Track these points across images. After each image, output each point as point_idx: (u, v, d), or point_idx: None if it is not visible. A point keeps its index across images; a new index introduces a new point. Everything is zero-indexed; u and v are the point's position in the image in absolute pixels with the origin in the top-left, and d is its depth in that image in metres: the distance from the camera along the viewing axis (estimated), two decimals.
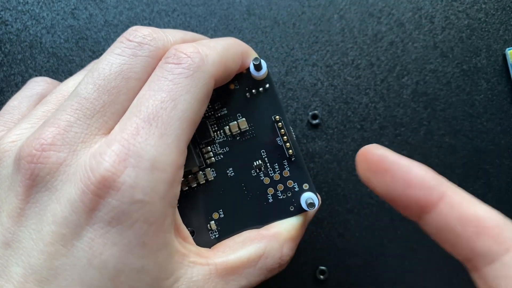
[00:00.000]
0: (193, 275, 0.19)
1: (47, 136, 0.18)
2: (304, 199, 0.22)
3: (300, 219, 0.23)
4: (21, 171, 0.18)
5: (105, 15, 0.31)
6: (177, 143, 0.18)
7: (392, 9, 0.31)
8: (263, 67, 0.22)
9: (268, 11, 0.31)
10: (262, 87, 0.22)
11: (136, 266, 0.17)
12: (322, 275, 0.30)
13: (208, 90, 0.20)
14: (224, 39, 0.22)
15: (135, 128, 0.18)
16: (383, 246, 0.30)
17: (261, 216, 0.22)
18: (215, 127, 0.22)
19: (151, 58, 0.20)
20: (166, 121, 0.18)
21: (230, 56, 0.21)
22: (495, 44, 0.30)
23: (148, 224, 0.18)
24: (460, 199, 0.16)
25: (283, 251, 0.21)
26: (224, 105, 0.22)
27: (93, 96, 0.19)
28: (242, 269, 0.20)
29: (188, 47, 0.19)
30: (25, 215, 0.18)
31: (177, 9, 0.31)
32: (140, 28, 0.20)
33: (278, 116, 0.22)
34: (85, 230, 0.17)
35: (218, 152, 0.22)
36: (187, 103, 0.19)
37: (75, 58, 0.31)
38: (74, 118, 0.18)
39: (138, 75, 0.19)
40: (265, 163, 0.22)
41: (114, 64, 0.19)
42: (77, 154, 0.18)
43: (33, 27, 0.31)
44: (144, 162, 0.17)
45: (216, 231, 0.22)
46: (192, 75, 0.19)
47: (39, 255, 0.17)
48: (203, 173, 0.22)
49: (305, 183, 0.23)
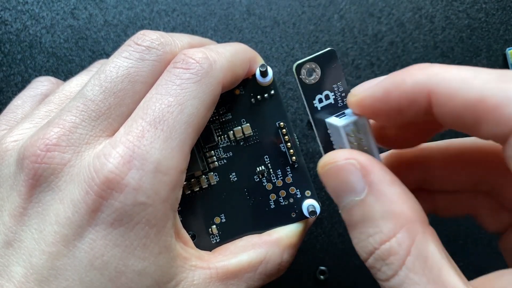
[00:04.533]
0: (194, 278, 0.19)
1: (52, 136, 0.18)
2: (306, 206, 0.22)
3: (301, 226, 0.23)
4: (24, 171, 0.18)
5: (104, 15, 0.31)
6: (181, 147, 0.18)
7: (392, 9, 0.31)
8: (269, 73, 0.22)
9: (268, 11, 0.31)
10: (267, 93, 0.22)
11: (138, 268, 0.18)
12: (322, 275, 0.30)
13: (215, 95, 0.20)
14: (232, 44, 0.22)
15: (141, 130, 0.18)
16: None
17: (263, 222, 0.22)
18: (219, 131, 0.22)
19: (158, 62, 0.20)
20: (171, 125, 0.18)
21: (238, 62, 0.21)
22: (495, 44, 0.30)
23: (150, 226, 0.18)
24: (448, 92, 0.15)
25: (283, 257, 0.21)
26: (229, 110, 0.22)
27: (99, 98, 0.19)
28: (242, 274, 0.20)
29: (197, 52, 0.19)
30: (28, 214, 0.18)
31: (177, 9, 0.31)
32: (148, 32, 0.20)
33: (283, 122, 0.22)
34: (87, 231, 0.17)
35: (222, 157, 0.22)
36: (194, 108, 0.19)
37: (74, 58, 0.31)
38: (79, 119, 0.18)
39: (145, 79, 0.19)
40: (268, 169, 0.23)
41: (121, 67, 0.19)
42: (81, 155, 0.18)
43: (32, 27, 0.31)
44: (148, 164, 0.17)
45: (217, 236, 0.22)
46: (200, 80, 0.19)
47: (41, 255, 0.17)
48: (206, 177, 0.22)
49: (307, 190, 0.23)
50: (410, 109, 0.16)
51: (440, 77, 0.15)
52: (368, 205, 0.16)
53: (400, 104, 0.16)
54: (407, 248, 0.15)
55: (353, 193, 0.16)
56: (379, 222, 0.16)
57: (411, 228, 0.16)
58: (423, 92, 0.16)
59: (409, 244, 0.15)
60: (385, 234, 0.16)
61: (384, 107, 0.17)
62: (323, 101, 0.19)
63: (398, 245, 0.15)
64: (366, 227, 0.16)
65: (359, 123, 0.18)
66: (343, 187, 0.16)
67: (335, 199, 0.17)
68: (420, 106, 0.16)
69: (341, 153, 0.17)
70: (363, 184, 0.16)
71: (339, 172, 0.17)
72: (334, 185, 0.17)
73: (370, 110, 0.17)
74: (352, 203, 0.16)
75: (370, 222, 0.16)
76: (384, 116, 0.17)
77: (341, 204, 0.17)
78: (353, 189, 0.16)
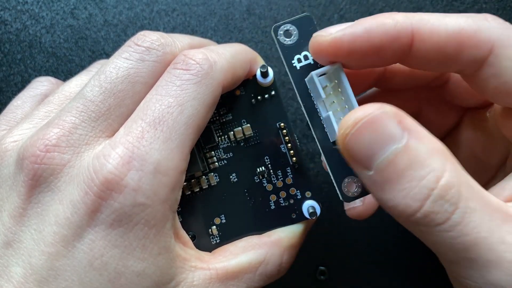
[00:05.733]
0: (194, 279, 0.19)
1: (51, 137, 0.18)
2: (306, 207, 0.22)
3: (301, 227, 0.23)
4: (24, 171, 0.18)
5: (104, 14, 0.31)
6: (181, 148, 0.18)
7: (392, 9, 0.31)
8: (270, 74, 0.22)
9: (268, 11, 0.31)
10: (267, 94, 0.22)
11: (137, 269, 0.18)
12: (322, 276, 0.30)
13: (216, 97, 0.20)
14: (233, 45, 0.22)
15: (140, 131, 0.18)
16: (384, 246, 0.30)
17: (263, 223, 0.22)
18: (219, 132, 0.22)
19: (158, 63, 0.20)
20: (171, 126, 0.18)
21: (238, 63, 0.21)
22: None
23: (149, 227, 0.18)
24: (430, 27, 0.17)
25: (283, 258, 0.22)
26: (229, 110, 0.22)
27: (99, 98, 0.19)
28: (242, 275, 0.20)
29: (198, 53, 0.19)
30: (27, 215, 0.18)
31: (177, 9, 0.31)
32: (148, 33, 0.20)
33: (283, 123, 0.22)
34: (87, 231, 0.17)
35: (222, 157, 0.22)
36: (194, 109, 0.19)
37: (74, 58, 0.31)
38: (79, 120, 0.19)
39: (145, 80, 0.19)
40: (268, 170, 0.23)
41: (121, 68, 0.19)
42: (81, 156, 0.18)
43: (32, 26, 0.31)
44: (148, 165, 0.17)
45: (217, 236, 0.22)
46: (200, 81, 0.19)
47: (40, 255, 0.17)
48: (206, 177, 0.22)
49: (307, 191, 0.23)
50: (391, 47, 0.17)
51: (419, 17, 0.17)
52: (413, 148, 0.15)
53: (382, 42, 0.17)
54: (459, 178, 0.15)
55: (395, 142, 0.16)
56: (429, 161, 0.15)
57: (453, 159, 0.16)
58: (407, 30, 0.17)
59: (458, 173, 0.16)
60: (438, 170, 0.15)
61: (363, 46, 0.17)
62: (302, 61, 0.19)
63: (452, 177, 0.15)
64: (417, 171, 0.15)
65: (333, 71, 0.19)
66: (383, 139, 0.16)
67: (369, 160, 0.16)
68: (402, 44, 0.17)
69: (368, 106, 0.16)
70: (401, 130, 0.16)
71: (375, 124, 0.16)
72: (370, 140, 0.16)
73: (347, 50, 0.18)
74: (395, 152, 0.16)
75: (420, 164, 0.15)
76: (359, 57, 0.18)
77: (378, 159, 0.16)
78: (393, 138, 0.16)
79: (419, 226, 0.16)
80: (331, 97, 0.19)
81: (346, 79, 0.19)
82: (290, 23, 0.19)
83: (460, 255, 0.15)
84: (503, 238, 0.15)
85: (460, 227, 0.15)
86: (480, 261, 0.15)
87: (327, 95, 0.19)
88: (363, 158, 0.16)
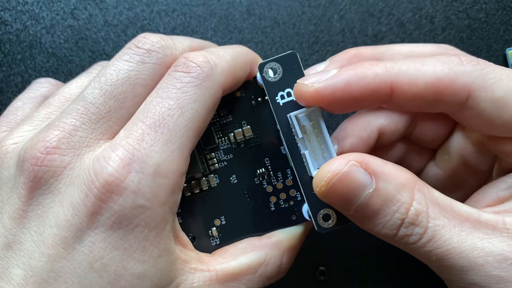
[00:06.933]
0: (194, 281, 0.19)
1: (52, 139, 0.18)
2: (306, 209, 0.22)
3: (301, 228, 0.23)
4: (24, 173, 0.18)
5: (105, 15, 0.31)
6: (181, 151, 0.18)
7: (392, 9, 0.31)
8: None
9: (268, 11, 0.31)
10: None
11: (137, 271, 0.18)
12: (322, 276, 0.30)
13: (216, 99, 0.20)
14: (233, 47, 0.22)
15: (141, 133, 0.18)
16: (384, 246, 0.30)
17: (263, 224, 0.22)
18: (220, 133, 0.22)
19: (158, 66, 0.20)
20: (171, 129, 0.18)
21: (238, 66, 0.21)
22: (496, 44, 0.30)
23: (149, 229, 0.18)
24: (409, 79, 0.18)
25: (283, 260, 0.22)
26: (229, 112, 0.22)
27: (99, 101, 0.19)
28: (242, 276, 0.20)
29: (198, 56, 0.19)
30: (27, 217, 0.18)
31: (177, 9, 0.31)
32: (149, 35, 0.20)
33: None
34: (87, 233, 0.17)
35: (222, 159, 0.22)
36: (194, 111, 0.19)
37: (74, 58, 0.31)
38: (79, 122, 0.19)
39: (145, 82, 0.19)
40: (269, 172, 0.23)
41: (122, 70, 0.19)
42: (81, 158, 0.18)
43: (32, 27, 0.31)
44: (148, 167, 0.17)
45: (217, 238, 0.22)
46: (201, 84, 0.19)
47: (40, 257, 0.17)
48: (206, 179, 0.22)
49: None
50: (371, 98, 0.19)
51: (397, 69, 0.19)
52: (382, 189, 0.18)
53: (362, 94, 0.19)
54: (426, 203, 0.18)
55: (365, 188, 0.18)
56: (398, 196, 0.18)
57: (418, 187, 0.18)
58: (386, 82, 0.18)
59: (425, 199, 0.18)
60: (407, 202, 0.18)
61: (344, 97, 0.19)
62: (285, 98, 0.20)
63: (419, 205, 0.18)
64: (389, 207, 0.18)
65: (312, 112, 0.20)
66: (355, 188, 0.18)
67: (347, 206, 0.18)
68: (382, 94, 0.19)
69: (337, 161, 0.18)
70: (369, 177, 0.18)
71: (346, 178, 0.18)
72: (345, 192, 0.18)
73: (328, 100, 0.19)
74: (367, 196, 0.18)
75: (390, 201, 0.18)
76: (339, 106, 0.19)
77: (355, 205, 0.18)
78: (364, 185, 0.18)
79: (400, 245, 0.18)
80: (309, 136, 0.20)
81: (323, 121, 0.20)
82: (275, 61, 0.20)
83: (439, 264, 0.18)
84: (474, 245, 0.17)
85: (431, 242, 0.17)
86: (456, 267, 0.17)
87: (306, 134, 0.20)
88: (341, 205, 0.19)
